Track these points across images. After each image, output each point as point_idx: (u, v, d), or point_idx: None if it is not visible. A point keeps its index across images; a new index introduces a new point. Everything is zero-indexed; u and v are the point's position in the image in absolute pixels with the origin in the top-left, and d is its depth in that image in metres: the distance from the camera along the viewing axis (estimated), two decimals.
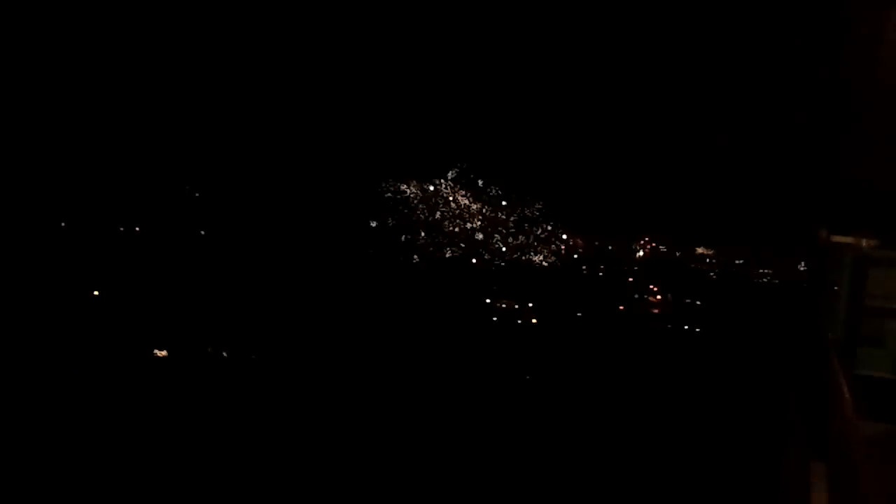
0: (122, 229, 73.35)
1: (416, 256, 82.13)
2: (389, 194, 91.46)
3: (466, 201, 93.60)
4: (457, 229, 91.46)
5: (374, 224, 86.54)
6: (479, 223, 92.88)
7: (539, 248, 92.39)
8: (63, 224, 70.57)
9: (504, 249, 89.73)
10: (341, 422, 43.12)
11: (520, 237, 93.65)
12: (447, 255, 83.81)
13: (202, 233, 75.83)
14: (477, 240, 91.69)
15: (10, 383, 41.60)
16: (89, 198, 73.82)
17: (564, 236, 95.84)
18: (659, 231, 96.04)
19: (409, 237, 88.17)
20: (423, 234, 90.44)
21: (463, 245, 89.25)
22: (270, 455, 37.77)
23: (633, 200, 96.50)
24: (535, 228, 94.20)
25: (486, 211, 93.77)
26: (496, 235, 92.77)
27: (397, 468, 37.74)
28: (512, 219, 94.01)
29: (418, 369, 53.16)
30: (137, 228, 73.94)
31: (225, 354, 54.12)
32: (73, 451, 35.74)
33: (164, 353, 52.74)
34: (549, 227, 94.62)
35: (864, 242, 9.10)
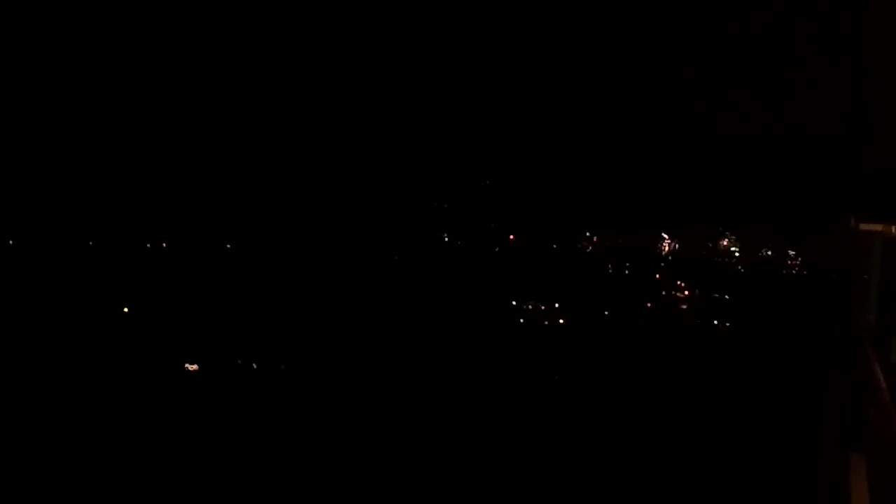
0: (149, 245, 74.12)
1: (439, 260, 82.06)
2: (408, 198, 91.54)
3: (487, 202, 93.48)
4: (479, 232, 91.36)
5: (395, 229, 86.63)
6: (501, 224, 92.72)
7: (563, 248, 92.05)
8: (90, 242, 71.39)
9: (528, 250, 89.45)
10: (366, 423, 43.26)
11: (543, 237, 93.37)
12: (471, 259, 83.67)
13: (228, 246, 76.42)
14: (500, 241, 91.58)
15: (31, 396, 42.17)
16: (108, 214, 74.54)
17: (588, 234, 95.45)
18: (684, 225, 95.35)
19: (431, 240, 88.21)
20: (445, 237, 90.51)
21: (486, 247, 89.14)
22: (294, 460, 37.97)
23: (656, 195, 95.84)
24: (558, 228, 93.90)
25: (509, 211, 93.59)
26: (519, 236, 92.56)
27: (422, 469, 37.78)
28: (534, 218, 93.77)
29: (446, 374, 53.16)
30: (164, 244, 74.69)
31: (255, 366, 54.51)
32: (92, 463, 36.07)
33: (194, 366, 53.22)
34: (573, 226, 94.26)
35: (893, 229, 8.99)
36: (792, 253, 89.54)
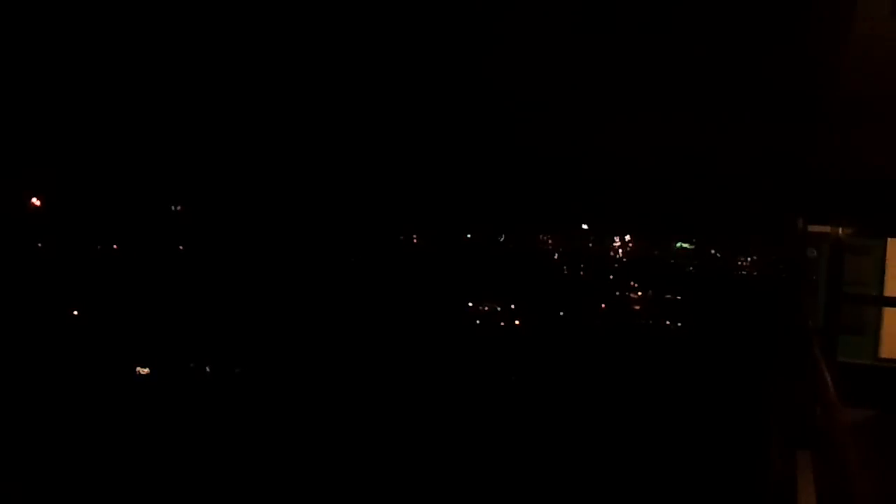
0: (98, 247, 72.79)
1: (393, 262, 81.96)
2: (372, 203, 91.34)
3: (443, 203, 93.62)
4: (435, 232, 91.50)
5: (357, 231, 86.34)
6: (457, 225, 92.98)
7: (519, 249, 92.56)
8: (40, 244, 69.93)
9: (483, 251, 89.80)
10: (333, 426, 43.03)
11: (498, 239, 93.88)
12: (426, 260, 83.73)
13: (182, 247, 75.43)
14: (456, 242, 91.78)
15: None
16: (70, 215, 73.20)
17: (543, 236, 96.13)
18: (636, 227, 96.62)
19: (386, 242, 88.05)
20: (402, 239, 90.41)
21: (441, 248, 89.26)
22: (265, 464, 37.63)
23: (609, 197, 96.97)
24: (513, 229, 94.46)
25: (465, 212, 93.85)
26: (474, 237, 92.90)
27: (386, 472, 37.69)
28: (490, 220, 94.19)
29: (404, 376, 53.08)
30: (115, 246, 73.41)
31: (207, 369, 53.88)
32: (68, 468, 35.41)
33: (146, 370, 52.45)
34: (528, 228, 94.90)
35: (840, 231, 9.18)
36: (742, 254, 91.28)
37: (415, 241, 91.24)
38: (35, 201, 72.13)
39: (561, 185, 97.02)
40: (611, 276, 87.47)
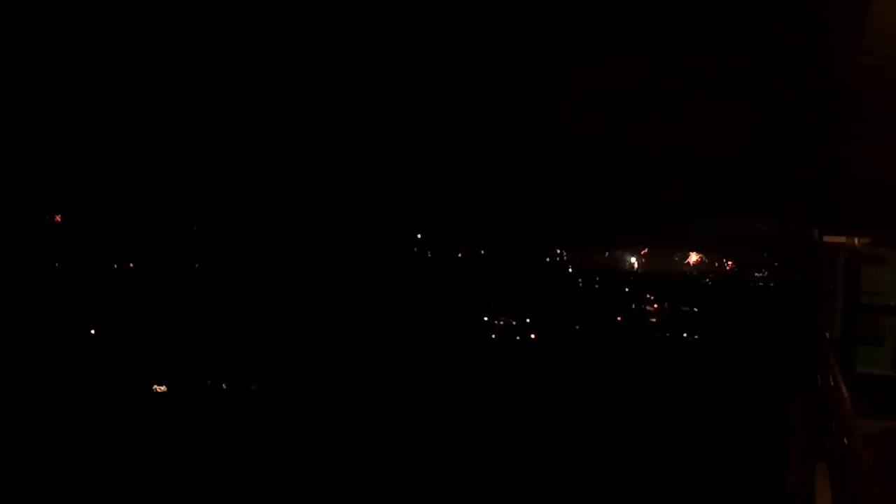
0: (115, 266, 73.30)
1: (410, 277, 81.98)
2: (383, 215, 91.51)
3: (458, 218, 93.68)
4: (450, 247, 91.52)
5: (369, 245, 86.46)
6: (472, 240, 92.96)
7: (534, 263, 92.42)
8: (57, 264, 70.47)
9: (499, 266, 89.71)
10: (339, 440, 42.99)
11: (513, 253, 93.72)
12: (442, 275, 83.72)
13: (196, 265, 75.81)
14: (471, 257, 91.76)
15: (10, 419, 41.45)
16: (82, 233, 73.77)
17: (558, 250, 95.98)
18: (652, 239, 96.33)
19: (402, 257, 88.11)
20: (416, 251, 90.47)
21: (457, 263, 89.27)
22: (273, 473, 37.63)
23: (624, 210, 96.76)
24: (528, 243, 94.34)
25: (480, 227, 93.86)
26: (490, 253, 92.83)
27: (399, 485, 37.61)
28: (505, 234, 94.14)
29: (419, 390, 52.98)
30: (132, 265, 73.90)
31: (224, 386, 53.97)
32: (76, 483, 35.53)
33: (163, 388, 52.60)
34: (543, 242, 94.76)
35: (855, 241, 9.13)
36: (758, 266, 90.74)
37: (429, 255, 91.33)
38: (56, 218, 72.83)
39: (576, 198, 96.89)
40: (626, 289, 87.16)
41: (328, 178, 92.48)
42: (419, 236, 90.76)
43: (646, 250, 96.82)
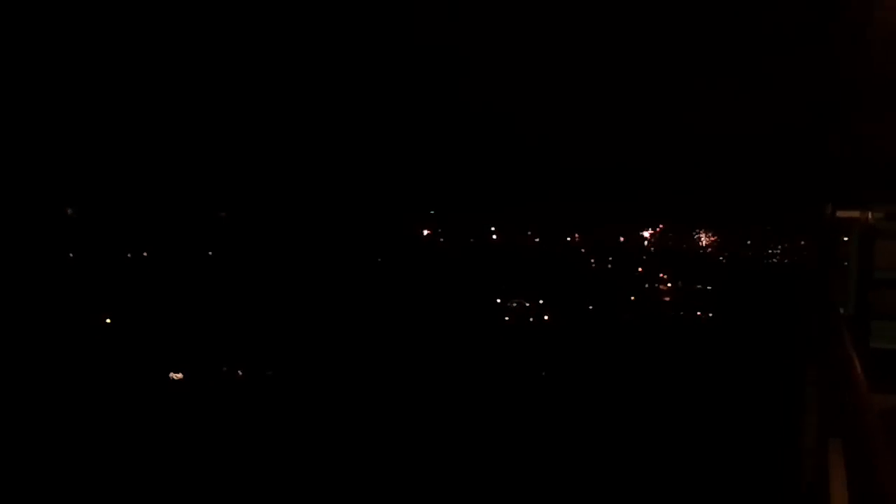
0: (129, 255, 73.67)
1: (422, 260, 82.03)
2: (393, 200, 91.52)
3: (470, 201, 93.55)
4: (462, 230, 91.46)
5: (382, 229, 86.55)
6: (484, 222, 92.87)
7: (547, 244, 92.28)
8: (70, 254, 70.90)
9: (511, 247, 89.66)
10: (354, 423, 43.22)
11: (525, 235, 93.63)
12: (454, 257, 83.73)
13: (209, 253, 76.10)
14: (483, 239, 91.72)
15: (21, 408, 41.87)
16: (96, 224, 74.14)
17: (570, 230, 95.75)
18: (664, 218, 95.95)
19: (414, 240, 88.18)
20: (429, 236, 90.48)
21: (469, 245, 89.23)
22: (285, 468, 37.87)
23: (635, 188, 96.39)
24: (541, 224, 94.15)
25: (492, 209, 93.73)
26: (503, 235, 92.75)
27: (410, 470, 37.79)
28: (517, 216, 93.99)
29: (434, 373, 53.17)
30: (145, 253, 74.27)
31: (240, 372, 54.31)
32: (87, 473, 35.86)
33: (178, 375, 52.99)
34: (555, 223, 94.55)
35: (869, 216, 9.06)
36: (771, 242, 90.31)
37: (441, 239, 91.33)
38: (68, 210, 73.17)
39: (589, 178, 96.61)
40: (639, 269, 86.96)
41: (343, 163, 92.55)
42: (432, 212, 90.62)
43: (659, 229, 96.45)
